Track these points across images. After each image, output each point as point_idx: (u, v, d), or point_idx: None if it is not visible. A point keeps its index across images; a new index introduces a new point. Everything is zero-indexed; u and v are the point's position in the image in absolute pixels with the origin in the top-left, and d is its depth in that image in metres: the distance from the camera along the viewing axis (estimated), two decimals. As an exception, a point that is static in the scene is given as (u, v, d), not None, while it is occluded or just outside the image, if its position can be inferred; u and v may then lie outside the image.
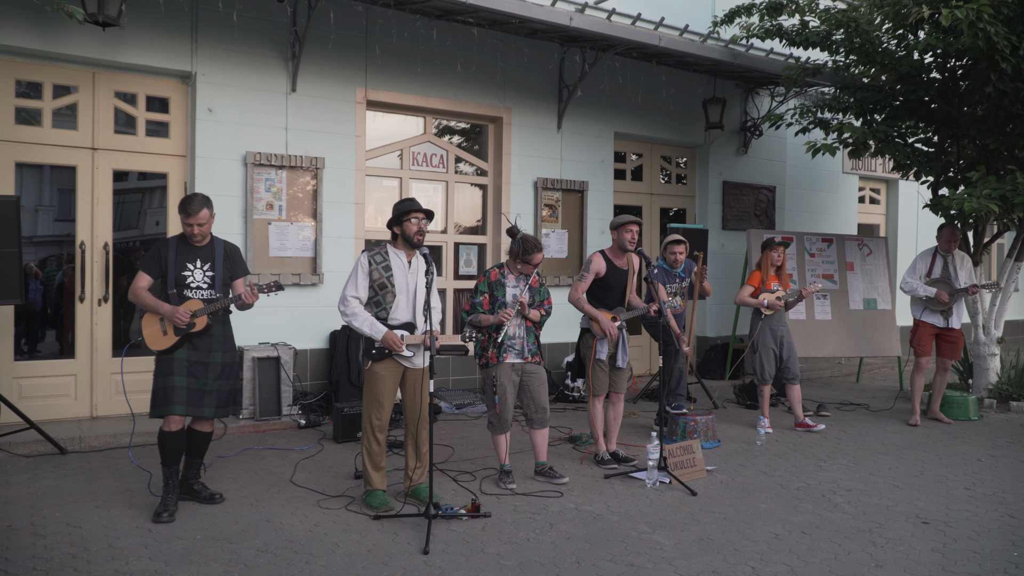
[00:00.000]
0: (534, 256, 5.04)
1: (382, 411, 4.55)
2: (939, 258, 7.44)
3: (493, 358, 5.03)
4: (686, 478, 5.24)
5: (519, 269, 5.12)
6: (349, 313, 4.51)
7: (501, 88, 8.34)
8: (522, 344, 5.09)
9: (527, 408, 5.16)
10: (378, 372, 4.53)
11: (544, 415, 5.15)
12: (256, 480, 5.14)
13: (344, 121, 7.42)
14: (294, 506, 4.60)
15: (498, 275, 5.14)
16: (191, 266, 4.48)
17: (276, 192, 7.06)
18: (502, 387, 5.01)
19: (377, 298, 4.55)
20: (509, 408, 5.05)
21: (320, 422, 6.70)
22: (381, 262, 4.55)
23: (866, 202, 12.68)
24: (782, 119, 8.91)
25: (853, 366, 10.77)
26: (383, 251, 4.61)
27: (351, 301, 4.52)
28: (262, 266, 6.98)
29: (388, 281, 4.53)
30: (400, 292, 4.54)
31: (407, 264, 4.61)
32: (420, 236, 4.54)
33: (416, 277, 4.61)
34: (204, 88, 6.75)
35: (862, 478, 5.41)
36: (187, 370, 4.43)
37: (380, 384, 4.53)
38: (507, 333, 5.00)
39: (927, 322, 7.36)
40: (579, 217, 8.90)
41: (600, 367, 5.57)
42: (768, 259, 6.85)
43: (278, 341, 7.00)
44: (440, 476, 5.19)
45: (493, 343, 5.03)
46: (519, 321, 5.09)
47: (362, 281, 4.53)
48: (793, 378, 6.90)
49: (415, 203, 4.61)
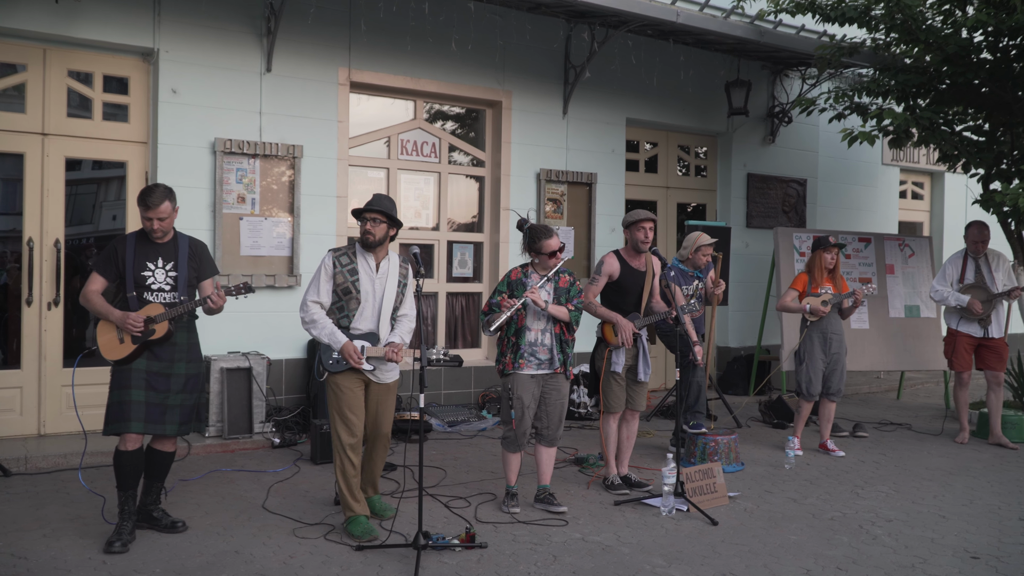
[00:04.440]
0: (543, 242, 5.02)
1: (351, 426, 4.58)
2: (970, 261, 7.43)
3: (509, 365, 5.02)
4: (706, 505, 5.22)
5: (539, 265, 5.10)
6: (308, 320, 4.59)
7: (500, 69, 8.33)
8: (548, 352, 5.06)
9: (539, 421, 5.15)
10: (339, 383, 4.59)
11: (556, 433, 5.17)
12: (223, 506, 5.11)
13: (325, 105, 7.41)
14: (266, 535, 4.58)
15: (519, 274, 5.14)
16: (151, 266, 4.47)
17: (248, 184, 7.05)
18: (519, 401, 4.99)
19: (340, 303, 4.61)
20: (527, 425, 5.05)
21: (296, 441, 6.69)
22: (347, 264, 4.61)
23: (908, 197, 12.67)
24: (814, 104, 8.90)
25: (893, 381, 10.75)
26: (350, 252, 4.66)
27: (311, 306, 4.60)
28: (233, 266, 6.97)
29: (353, 286, 4.59)
30: (365, 298, 4.60)
31: (374, 268, 4.66)
32: (370, 237, 4.59)
33: (385, 283, 4.66)
34: (168, 67, 6.74)
35: (904, 507, 5.39)
36: (146, 382, 4.41)
37: (343, 396, 4.57)
38: (505, 323, 4.97)
39: (963, 332, 7.34)
40: (587, 213, 8.89)
41: (615, 380, 5.55)
42: (820, 261, 6.81)
43: (250, 350, 6.98)
44: (430, 502, 5.17)
45: (512, 347, 5.02)
46: (544, 326, 5.05)
47: (324, 284, 4.60)
48: (832, 394, 6.87)
49: (375, 201, 4.64)
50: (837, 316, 6.83)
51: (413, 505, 4.76)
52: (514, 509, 5.06)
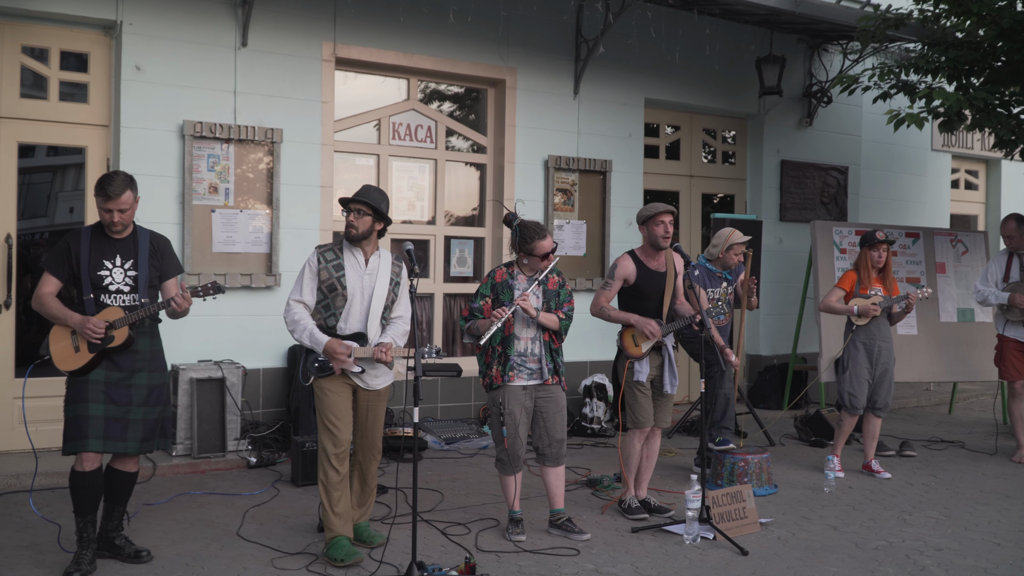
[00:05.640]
0: (536, 244, 5.02)
1: (337, 433, 4.66)
2: (1015, 258, 7.48)
3: (498, 377, 5.03)
4: (734, 533, 5.20)
5: (527, 266, 5.10)
6: (290, 320, 4.73)
7: (504, 43, 8.32)
8: (538, 362, 5.08)
9: (538, 440, 5.16)
10: (325, 386, 4.69)
11: (559, 449, 5.16)
12: (193, 533, 5.10)
13: (307, 84, 7.40)
14: (241, 566, 4.57)
15: (505, 275, 5.12)
16: (109, 264, 4.47)
17: (221, 172, 7.04)
18: (511, 415, 5.00)
19: (326, 301, 4.71)
20: (521, 441, 5.07)
21: (275, 460, 6.68)
22: (332, 260, 4.73)
23: (961, 187, 12.63)
24: (856, 82, 8.87)
25: (945, 394, 10.71)
26: (336, 248, 4.79)
27: (294, 306, 4.73)
28: (204, 264, 6.96)
29: (339, 282, 4.68)
30: (352, 295, 4.69)
31: (363, 264, 4.75)
32: (353, 230, 4.70)
33: (375, 280, 4.74)
34: (132, 41, 6.73)
35: (956, 534, 5.38)
36: (105, 395, 4.41)
37: (329, 401, 4.67)
38: (494, 336, 4.98)
39: (1011, 337, 7.39)
40: (600, 205, 8.87)
41: (640, 390, 5.52)
42: (867, 259, 6.79)
43: (223, 358, 6.98)
44: (426, 529, 5.16)
45: (498, 358, 5.03)
46: (533, 334, 5.08)
47: (309, 283, 4.73)
48: (879, 409, 6.84)
49: (363, 192, 4.75)
50: (886, 322, 6.81)
51: (406, 532, 4.75)
52: (518, 537, 5.05)
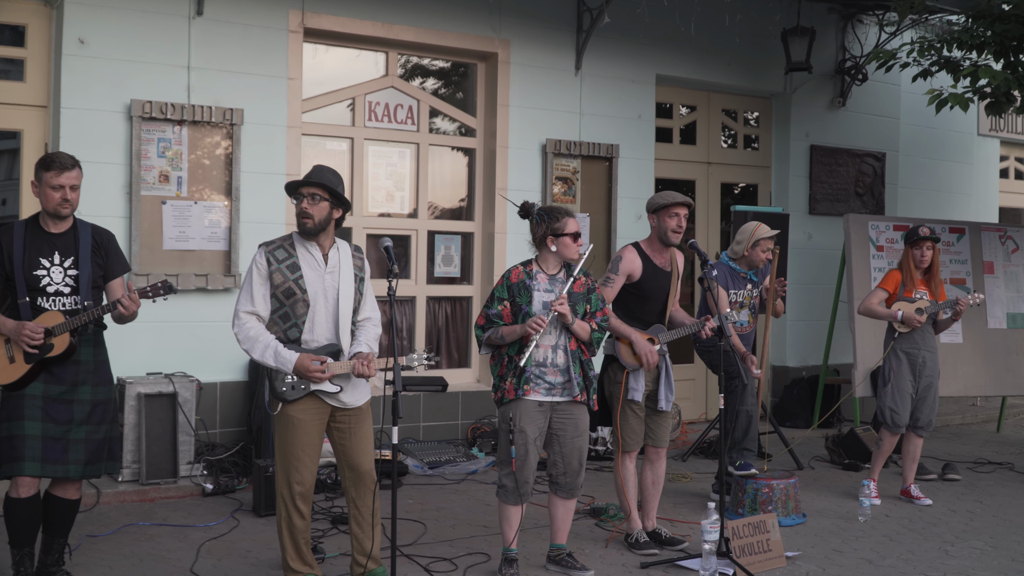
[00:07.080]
0: (566, 220, 4.93)
1: (303, 469, 4.52)
2: None
3: (510, 391, 4.90)
4: (757, 568, 5.21)
5: (556, 254, 4.99)
6: (243, 337, 4.51)
7: (496, 12, 8.33)
8: (560, 375, 4.95)
9: (552, 466, 5.08)
10: (294, 417, 4.50)
11: (575, 480, 5.08)
12: (142, 569, 5.09)
13: (271, 58, 7.40)
14: (196, 607, 4.58)
15: (521, 275, 5.00)
16: (46, 262, 4.46)
17: (173, 158, 7.04)
18: (522, 435, 4.88)
19: (283, 310, 4.54)
20: (531, 467, 4.94)
21: (234, 487, 6.68)
22: (284, 259, 4.55)
23: (1011, 176, 12.67)
24: (895, 58, 8.88)
25: (993, 409, 10.74)
26: (286, 244, 4.61)
27: (244, 319, 4.52)
28: (153, 263, 6.96)
29: (296, 285, 4.52)
30: (315, 299, 4.54)
31: (322, 261, 4.60)
32: (308, 221, 4.52)
33: (338, 278, 4.60)
34: (75, 11, 6.73)
35: (1003, 567, 5.40)
36: (43, 412, 4.41)
37: (297, 433, 4.50)
38: (530, 356, 4.86)
39: None
40: (606, 195, 8.89)
41: (633, 411, 5.54)
42: (910, 258, 6.81)
43: (175, 371, 6.97)
44: (407, 565, 5.14)
45: (513, 370, 4.92)
46: (554, 340, 4.95)
47: (259, 289, 4.52)
48: (921, 428, 6.86)
49: (314, 173, 4.59)
50: (930, 329, 6.83)
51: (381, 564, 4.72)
52: (513, 579, 4.98)
